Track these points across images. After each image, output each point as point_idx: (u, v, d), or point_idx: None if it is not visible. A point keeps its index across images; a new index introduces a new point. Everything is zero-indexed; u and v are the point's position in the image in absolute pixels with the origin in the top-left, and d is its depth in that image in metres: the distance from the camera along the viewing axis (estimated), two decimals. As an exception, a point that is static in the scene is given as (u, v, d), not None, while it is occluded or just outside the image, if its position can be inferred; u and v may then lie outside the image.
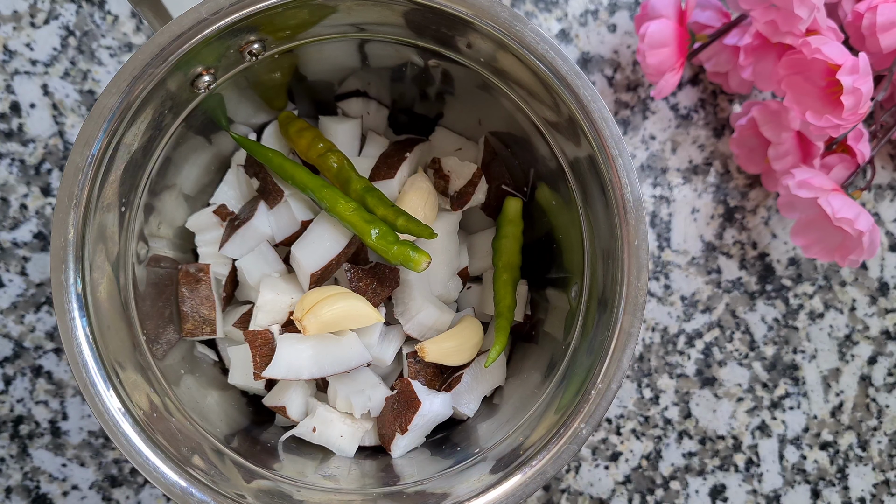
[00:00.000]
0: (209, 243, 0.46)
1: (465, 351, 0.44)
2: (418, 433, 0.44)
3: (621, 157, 0.36)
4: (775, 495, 0.55)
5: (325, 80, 0.46)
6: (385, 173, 0.45)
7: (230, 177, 0.47)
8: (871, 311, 0.55)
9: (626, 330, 0.37)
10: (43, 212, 0.52)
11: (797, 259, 0.55)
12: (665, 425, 0.55)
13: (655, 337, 0.55)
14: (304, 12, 0.38)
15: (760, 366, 0.55)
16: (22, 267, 0.52)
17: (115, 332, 0.38)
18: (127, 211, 0.39)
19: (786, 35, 0.46)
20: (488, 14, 0.36)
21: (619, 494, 0.55)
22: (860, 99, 0.44)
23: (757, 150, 0.53)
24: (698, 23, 0.52)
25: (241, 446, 0.42)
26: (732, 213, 0.55)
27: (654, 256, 0.55)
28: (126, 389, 0.37)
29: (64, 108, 0.52)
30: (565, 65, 0.36)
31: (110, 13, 0.53)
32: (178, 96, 0.39)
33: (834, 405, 0.55)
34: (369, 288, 0.43)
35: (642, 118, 0.55)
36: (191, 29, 0.35)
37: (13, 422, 0.53)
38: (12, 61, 0.52)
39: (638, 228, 0.36)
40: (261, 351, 0.42)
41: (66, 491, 0.53)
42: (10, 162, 0.52)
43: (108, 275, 0.38)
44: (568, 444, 0.37)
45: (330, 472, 0.42)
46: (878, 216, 0.56)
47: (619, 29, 0.55)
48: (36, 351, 0.53)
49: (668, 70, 0.48)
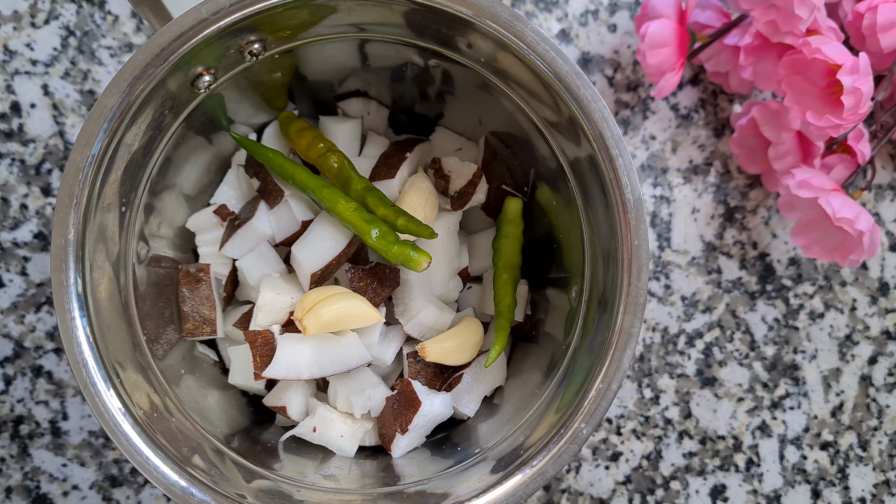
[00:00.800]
0: (209, 243, 0.46)
1: (465, 350, 0.44)
2: (419, 433, 0.44)
3: (621, 157, 0.36)
4: (776, 495, 0.55)
5: (326, 80, 0.46)
6: (385, 173, 0.45)
7: (230, 177, 0.47)
8: (872, 311, 0.55)
9: (627, 330, 0.37)
10: (43, 212, 0.52)
11: (797, 259, 0.55)
12: (665, 425, 0.55)
13: (656, 337, 0.55)
14: (304, 12, 0.38)
15: (761, 366, 0.55)
16: (22, 267, 0.52)
17: (115, 332, 0.38)
18: (127, 211, 0.39)
19: (786, 35, 0.46)
20: (488, 14, 0.36)
21: (619, 494, 0.55)
22: (860, 99, 0.44)
23: (757, 150, 0.53)
24: (698, 23, 0.52)
25: (242, 446, 0.42)
26: (733, 213, 0.55)
27: (655, 256, 0.55)
28: (126, 389, 0.37)
29: (64, 108, 0.52)
30: (566, 65, 0.36)
31: (111, 13, 0.53)
32: (178, 96, 0.39)
33: (834, 405, 0.55)
34: (369, 288, 0.43)
35: (642, 118, 0.55)
36: (191, 29, 0.35)
37: (13, 422, 0.53)
38: (13, 61, 0.52)
39: (638, 228, 0.36)
40: (261, 351, 0.42)
41: (67, 491, 0.53)
42: (11, 162, 0.52)
43: (108, 275, 0.38)
44: (568, 444, 0.37)
45: (330, 472, 0.42)
46: (878, 216, 0.55)
47: (619, 29, 0.55)
48: (36, 351, 0.53)
49: (668, 70, 0.48)
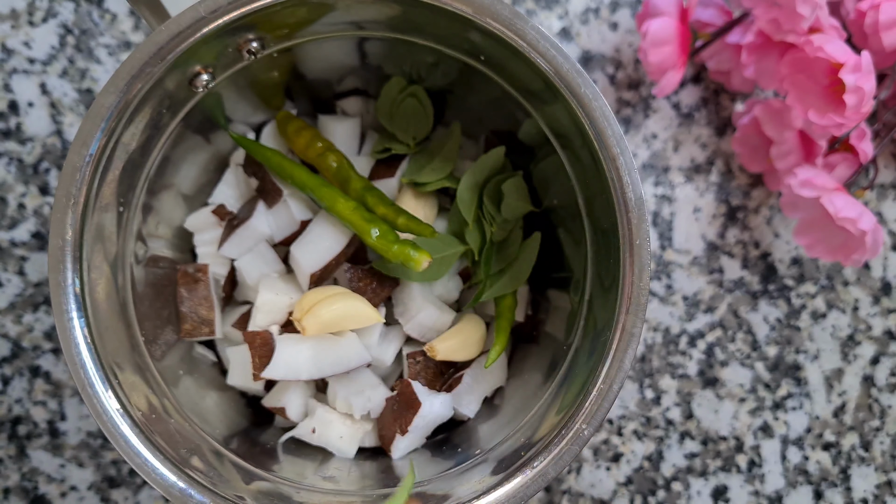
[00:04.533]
0: (208, 243, 0.46)
1: (470, 346, 0.44)
2: (419, 434, 0.44)
3: (623, 155, 0.36)
4: (777, 496, 0.55)
5: (324, 78, 0.46)
6: (385, 172, 0.45)
7: (229, 176, 0.47)
8: (874, 311, 0.55)
9: (628, 330, 0.36)
10: (41, 211, 0.52)
11: (800, 259, 0.55)
12: (667, 426, 0.55)
13: (657, 337, 0.55)
14: (302, 10, 0.38)
15: (763, 366, 0.55)
16: (20, 266, 0.52)
17: (113, 332, 0.38)
18: (125, 211, 0.39)
19: (788, 33, 0.46)
20: (489, 12, 0.36)
21: (620, 495, 0.55)
22: (863, 97, 0.44)
23: (759, 149, 0.53)
24: (700, 21, 0.52)
25: (241, 447, 0.41)
26: (735, 212, 0.55)
27: (656, 256, 0.55)
28: (124, 390, 0.37)
29: (62, 106, 0.52)
30: (566, 63, 0.36)
31: (108, 11, 0.52)
32: (176, 95, 0.38)
33: (836, 406, 0.55)
34: (369, 288, 0.43)
35: (644, 117, 0.55)
36: (189, 27, 0.35)
37: (11, 422, 0.52)
38: (10, 60, 0.52)
39: (640, 228, 0.36)
40: (260, 351, 0.41)
41: (65, 492, 0.53)
42: (8, 161, 0.52)
43: (106, 275, 0.38)
44: (569, 445, 0.36)
45: (330, 474, 0.42)
46: (880, 215, 0.55)
47: (620, 27, 0.54)
48: (34, 351, 0.52)
49: (669, 68, 0.48)
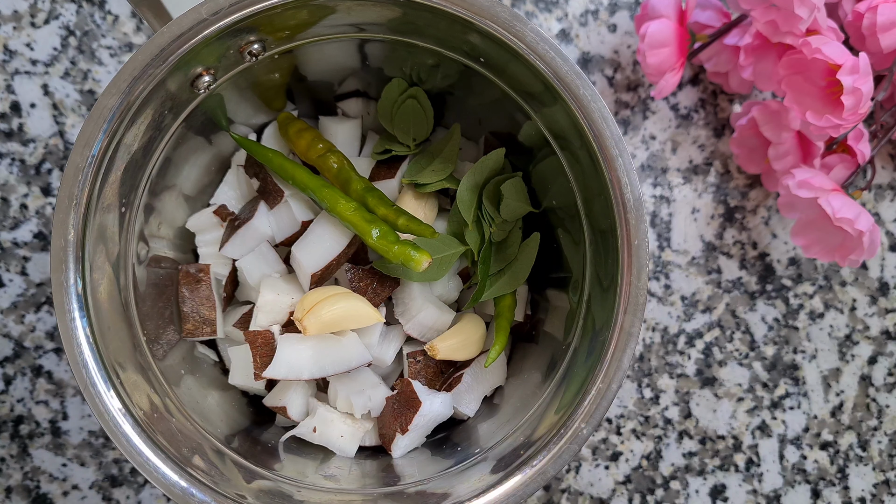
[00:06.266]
0: (209, 244, 0.46)
1: (471, 345, 0.44)
2: (419, 433, 0.44)
3: (621, 156, 0.36)
4: (775, 495, 0.55)
5: (325, 80, 0.46)
6: (385, 173, 0.45)
7: (230, 177, 0.47)
8: (872, 311, 0.55)
9: (627, 330, 0.37)
10: (43, 212, 0.52)
11: (797, 259, 0.55)
12: (665, 425, 0.55)
13: (656, 337, 0.55)
14: (303, 13, 0.38)
15: (760, 366, 0.55)
16: (22, 267, 0.52)
17: (115, 332, 0.38)
18: (127, 211, 0.39)
19: (786, 35, 0.46)
20: (488, 14, 0.36)
21: (619, 494, 0.55)
22: (860, 99, 0.44)
23: (757, 150, 0.53)
24: (698, 23, 0.52)
25: (242, 447, 0.41)
26: (733, 212, 0.55)
27: (655, 256, 0.55)
28: (126, 390, 0.37)
29: (64, 107, 0.52)
30: (565, 65, 0.36)
31: (110, 13, 0.53)
32: (178, 97, 0.39)
33: (834, 405, 0.55)
34: (369, 288, 0.43)
35: (642, 118, 0.55)
36: (191, 29, 0.35)
37: (13, 421, 0.53)
38: (12, 61, 0.52)
39: (638, 228, 0.36)
40: (261, 351, 0.42)
41: (67, 491, 0.53)
42: (11, 162, 0.52)
43: (108, 275, 0.38)
44: (568, 444, 0.37)
45: (330, 473, 0.42)
46: (878, 216, 0.55)
47: (619, 29, 0.54)
48: (36, 351, 0.53)
49: (668, 70, 0.48)
